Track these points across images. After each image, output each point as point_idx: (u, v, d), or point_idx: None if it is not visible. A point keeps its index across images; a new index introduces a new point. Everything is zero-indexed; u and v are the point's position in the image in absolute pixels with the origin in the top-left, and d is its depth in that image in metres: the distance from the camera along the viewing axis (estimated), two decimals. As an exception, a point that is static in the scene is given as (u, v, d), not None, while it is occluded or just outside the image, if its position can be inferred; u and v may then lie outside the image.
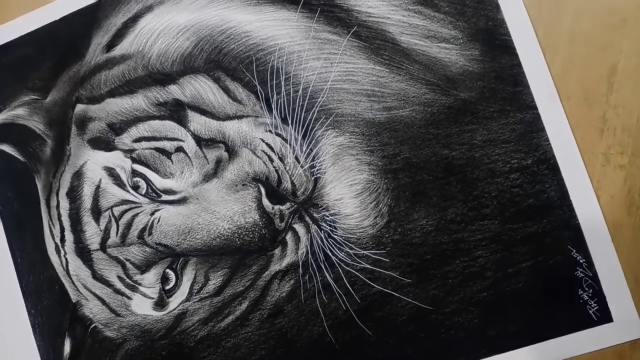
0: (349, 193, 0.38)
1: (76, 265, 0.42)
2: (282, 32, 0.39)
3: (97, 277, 0.41)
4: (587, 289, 0.36)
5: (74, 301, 0.42)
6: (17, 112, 0.43)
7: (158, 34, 0.41)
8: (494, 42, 0.37)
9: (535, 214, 0.37)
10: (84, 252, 0.41)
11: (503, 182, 0.37)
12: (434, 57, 0.38)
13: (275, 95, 0.39)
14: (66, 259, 0.42)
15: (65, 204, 0.42)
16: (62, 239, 0.42)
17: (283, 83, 0.39)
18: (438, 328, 0.37)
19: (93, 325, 0.42)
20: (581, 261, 0.36)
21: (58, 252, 0.42)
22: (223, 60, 0.40)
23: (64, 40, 0.43)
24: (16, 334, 0.43)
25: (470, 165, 0.37)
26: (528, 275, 0.36)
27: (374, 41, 0.38)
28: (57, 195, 0.42)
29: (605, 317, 0.36)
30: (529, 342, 0.36)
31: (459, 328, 0.37)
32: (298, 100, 0.39)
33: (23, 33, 0.44)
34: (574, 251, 0.36)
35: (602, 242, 0.36)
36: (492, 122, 0.37)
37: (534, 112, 0.37)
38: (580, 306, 0.36)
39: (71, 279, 0.42)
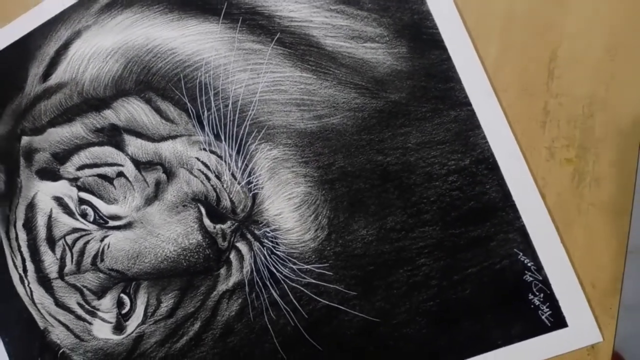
0: (287, 207, 0.47)
1: (39, 294, 0.53)
2: (207, 46, 0.48)
3: (59, 304, 0.53)
4: (537, 293, 0.43)
5: (42, 328, 0.54)
6: (-32, 149, 0.54)
7: (88, 58, 0.51)
8: (421, 36, 0.44)
9: (478, 217, 0.43)
10: (45, 281, 0.53)
11: (441, 186, 0.44)
12: (360, 58, 0.45)
13: (205, 112, 0.48)
14: (30, 288, 0.54)
15: (22, 235, 0.53)
16: (24, 269, 0.54)
17: (212, 98, 0.48)
18: (386, 340, 0.46)
19: (61, 351, 0.54)
20: (529, 264, 0.43)
21: (22, 282, 0.54)
22: (152, 80, 0.49)
23: (2, 74, 0.53)
24: (-6, 362, 0.55)
25: (406, 170, 0.44)
26: (474, 281, 0.44)
27: (298, 47, 0.46)
28: (15, 227, 0.54)
29: (558, 322, 0.42)
30: (481, 350, 0.44)
31: (407, 339, 0.45)
32: (229, 115, 0.48)
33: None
34: (521, 254, 0.43)
35: (550, 243, 0.42)
36: (425, 122, 0.44)
37: (468, 109, 0.43)
38: (532, 311, 0.43)
39: (36, 307, 0.54)
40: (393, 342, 0.46)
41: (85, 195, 0.52)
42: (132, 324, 0.52)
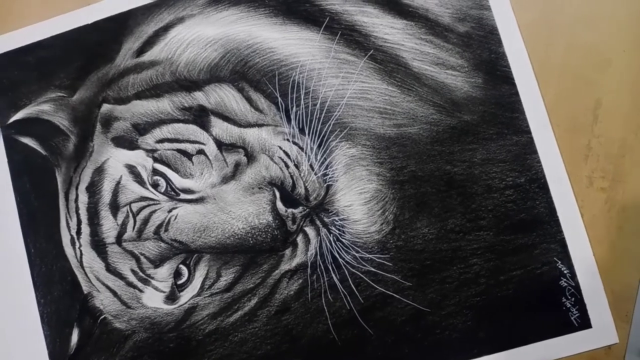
0: (358, 200, 0.69)
1: (90, 257, 0.71)
2: (304, 50, 0.71)
3: (111, 269, 0.71)
4: (569, 297, 0.66)
5: (85, 292, 0.71)
6: (42, 107, 0.74)
7: (187, 43, 0.72)
8: (495, 72, 0.69)
9: (526, 227, 0.67)
10: (99, 245, 0.71)
11: (498, 197, 0.68)
12: (442, 81, 0.69)
13: (294, 107, 0.70)
14: (80, 251, 0.72)
15: (83, 198, 0.72)
16: (78, 232, 0.72)
17: (302, 96, 0.70)
18: (434, 328, 0.67)
19: (102, 317, 0.71)
20: (565, 272, 0.66)
21: (73, 244, 0.72)
22: (247, 72, 0.71)
23: (93, 43, 0.75)
24: (24, 324, 0.72)
25: (470, 180, 0.68)
26: (517, 282, 0.67)
27: (388, 64, 0.70)
28: (77, 189, 0.72)
29: (584, 323, 0.66)
30: (516, 344, 0.67)
31: (452, 329, 0.67)
32: (315, 113, 0.70)
33: (51, 34, 0.75)
34: (559, 262, 0.66)
35: (584, 255, 0.66)
36: (490, 142, 0.68)
37: (528, 136, 0.68)
38: (563, 312, 0.66)
39: (84, 270, 0.72)
40: (439, 331, 0.68)
41: (160, 167, 0.72)
42: (186, 295, 0.71)
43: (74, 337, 0.74)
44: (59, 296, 0.74)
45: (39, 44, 0.78)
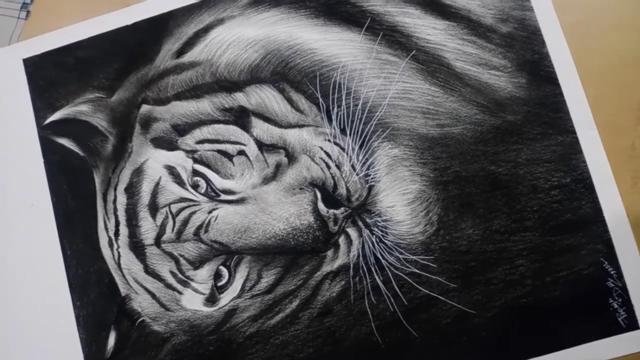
0: (400, 201, 0.72)
1: (128, 259, 0.74)
2: (346, 51, 0.75)
3: (149, 271, 0.74)
4: (616, 298, 0.69)
5: (123, 294, 0.74)
6: (80, 108, 0.77)
7: (228, 44, 0.76)
8: (539, 72, 0.73)
9: (572, 227, 0.70)
10: (137, 247, 0.74)
11: (544, 198, 0.71)
12: (485, 82, 0.73)
13: (335, 108, 0.74)
14: (118, 253, 0.75)
15: (122, 199, 0.75)
16: (116, 233, 0.75)
17: (344, 97, 0.74)
18: (479, 330, 0.70)
19: (140, 319, 0.74)
20: (612, 272, 0.69)
21: (111, 245, 0.75)
22: (288, 73, 0.75)
23: (133, 44, 0.78)
24: (59, 327, 0.75)
25: (515, 180, 0.71)
26: (564, 283, 0.69)
27: (431, 64, 0.74)
28: (115, 189, 0.75)
29: (632, 324, 0.69)
30: (562, 346, 0.69)
31: (498, 331, 0.70)
32: (357, 113, 0.73)
33: (89, 35, 0.79)
34: (606, 263, 0.69)
35: (631, 255, 0.69)
36: (535, 142, 0.71)
37: (572, 136, 0.71)
38: (610, 314, 0.69)
39: (122, 272, 0.74)
40: (485, 333, 0.70)
41: (200, 168, 0.75)
42: (227, 297, 0.74)
43: (111, 340, 0.75)
44: (96, 298, 0.76)
45: (78, 44, 0.81)
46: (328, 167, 0.73)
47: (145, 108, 0.78)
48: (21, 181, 0.79)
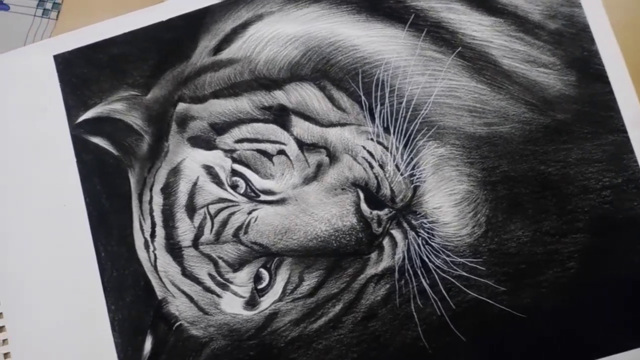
0: (447, 202, 0.70)
1: (165, 261, 0.72)
2: (389, 48, 0.73)
3: (187, 273, 0.72)
4: (671, 303, 0.67)
5: (160, 298, 0.72)
6: (114, 107, 0.75)
7: (267, 41, 0.74)
8: (589, 70, 0.71)
9: (624, 228, 0.68)
10: (174, 248, 0.72)
11: (595, 198, 0.69)
12: (533, 79, 0.71)
13: (378, 106, 0.72)
14: (154, 255, 0.72)
15: (158, 199, 0.73)
16: (152, 234, 0.73)
17: (387, 94, 0.72)
18: (529, 336, 0.68)
19: (178, 323, 0.71)
20: (666, 276, 0.67)
21: (147, 247, 0.73)
22: (329, 70, 0.73)
23: (168, 41, 0.76)
24: (93, 331, 0.73)
25: (565, 181, 0.69)
26: (616, 286, 0.67)
27: (477, 61, 0.72)
28: (151, 190, 0.73)
29: None
30: (615, 349, 0.67)
31: (549, 335, 0.67)
32: (401, 111, 0.71)
33: (124, 31, 0.77)
34: (659, 266, 0.67)
35: (686, 259, 0.67)
36: (585, 142, 0.69)
37: (623, 136, 0.69)
38: (665, 319, 0.67)
39: (158, 274, 0.72)
40: (536, 338, 0.68)
41: (239, 168, 0.73)
42: (267, 301, 0.72)
43: (147, 345, 0.73)
44: (131, 302, 0.74)
45: (111, 41, 0.79)
46: (371, 166, 0.71)
47: (181, 106, 0.76)
48: (53, 181, 0.77)
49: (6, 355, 0.75)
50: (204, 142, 0.75)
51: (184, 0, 0.78)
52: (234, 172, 0.73)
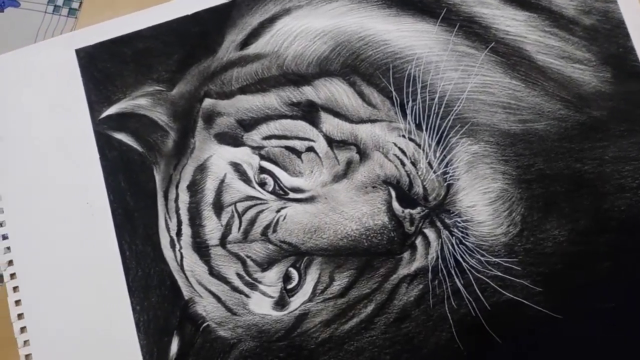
0: (482, 200, 0.68)
1: (192, 261, 0.70)
2: (420, 43, 0.71)
3: (214, 273, 0.70)
4: None
5: (186, 298, 0.70)
6: (138, 102, 0.73)
7: (295, 36, 0.73)
8: (624, 66, 0.70)
9: (662, 228, 0.67)
10: (201, 247, 0.70)
11: (631, 197, 0.68)
12: (568, 75, 0.69)
13: (410, 102, 0.70)
14: (181, 254, 0.71)
15: (184, 197, 0.71)
16: (178, 233, 0.71)
17: (419, 90, 0.70)
18: (565, 337, 0.66)
19: (205, 324, 0.70)
20: None
21: (172, 246, 0.71)
22: (359, 66, 0.71)
23: (194, 35, 0.74)
24: (117, 332, 0.71)
25: (601, 179, 0.68)
26: (655, 287, 0.66)
27: (511, 57, 0.70)
28: (177, 187, 0.71)
29: None
30: (655, 353, 0.65)
31: (587, 337, 0.66)
32: (433, 108, 0.70)
33: (148, 25, 0.75)
34: (698, 266, 0.66)
35: None
36: (621, 140, 0.68)
37: (660, 133, 0.68)
38: None
39: (185, 274, 0.70)
40: (572, 339, 0.67)
41: (267, 165, 0.71)
42: (297, 301, 0.70)
43: (174, 346, 0.71)
44: (157, 302, 0.72)
45: (135, 34, 0.77)
46: (403, 164, 0.70)
47: (208, 102, 0.74)
48: (75, 178, 0.75)
49: (27, 357, 0.73)
50: (231, 139, 0.73)
51: (210, -6, 0.77)
52: (262, 170, 0.71)
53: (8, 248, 0.75)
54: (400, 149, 0.70)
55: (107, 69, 0.77)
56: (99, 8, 0.79)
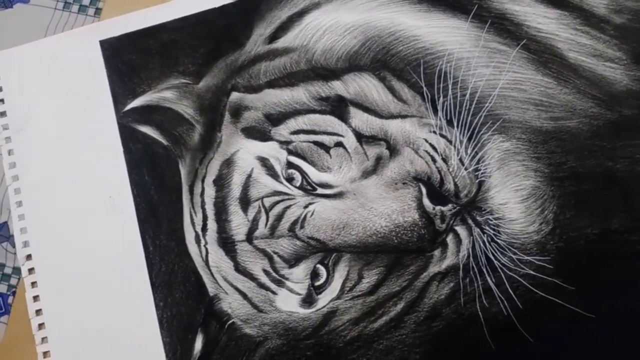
0: (514, 198, 0.67)
1: (217, 256, 0.69)
2: (451, 39, 0.71)
3: (240, 269, 0.68)
4: None
5: (211, 294, 0.69)
6: (164, 95, 0.72)
7: (324, 30, 0.72)
8: (656, 65, 0.69)
9: (695, 228, 0.66)
10: (227, 243, 0.69)
11: (664, 196, 0.67)
12: (600, 74, 0.69)
13: (441, 98, 0.70)
14: (206, 249, 0.69)
15: (210, 192, 0.70)
16: (204, 228, 0.70)
17: (450, 86, 0.70)
18: (598, 337, 0.65)
19: (230, 321, 0.68)
20: None
21: (198, 241, 0.69)
22: (390, 61, 0.71)
23: (221, 28, 0.74)
24: (140, 329, 0.69)
25: (633, 178, 0.67)
26: (688, 287, 0.65)
27: (543, 54, 0.70)
28: (203, 182, 0.70)
29: None
30: (689, 354, 0.64)
31: (621, 337, 0.65)
32: (465, 104, 0.69)
33: (174, 17, 0.74)
34: None
35: None
36: (654, 138, 0.68)
37: (692, 133, 0.68)
38: None
39: (210, 270, 0.69)
40: (605, 339, 0.66)
41: (295, 160, 0.70)
42: (325, 298, 0.69)
43: (198, 344, 0.69)
44: (181, 299, 0.70)
45: (161, 26, 0.76)
46: (434, 160, 0.69)
47: (235, 95, 0.73)
48: (98, 171, 0.74)
49: (45, 354, 0.71)
50: (258, 133, 0.72)
51: (238, -14, 0.76)
52: (290, 165, 0.70)
53: (26, 242, 0.73)
54: (431, 145, 0.69)
55: (132, 61, 0.76)
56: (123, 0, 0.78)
